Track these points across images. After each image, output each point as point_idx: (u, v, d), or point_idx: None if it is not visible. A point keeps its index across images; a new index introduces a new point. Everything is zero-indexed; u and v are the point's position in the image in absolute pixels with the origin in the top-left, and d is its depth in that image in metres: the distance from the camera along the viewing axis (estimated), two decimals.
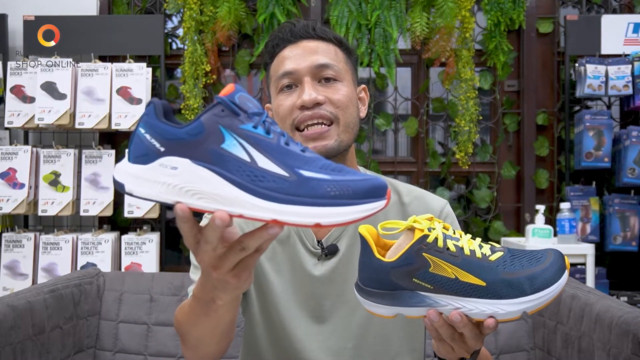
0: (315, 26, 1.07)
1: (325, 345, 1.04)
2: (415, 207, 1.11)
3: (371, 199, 0.58)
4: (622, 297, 2.51)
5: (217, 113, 0.60)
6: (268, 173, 0.58)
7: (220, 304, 0.73)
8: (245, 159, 0.59)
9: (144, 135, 0.61)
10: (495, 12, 2.73)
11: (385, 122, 2.85)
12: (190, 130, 0.60)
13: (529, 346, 1.70)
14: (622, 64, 2.58)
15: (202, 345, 0.87)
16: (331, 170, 0.59)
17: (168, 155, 0.60)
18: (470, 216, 2.85)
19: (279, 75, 1.05)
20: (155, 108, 0.61)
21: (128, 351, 1.78)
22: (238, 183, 0.58)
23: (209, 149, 0.59)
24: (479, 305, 0.73)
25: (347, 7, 2.70)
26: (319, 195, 0.57)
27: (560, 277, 0.73)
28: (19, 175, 2.51)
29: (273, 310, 1.06)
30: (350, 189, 0.57)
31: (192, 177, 0.59)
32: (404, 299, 0.75)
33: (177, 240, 2.90)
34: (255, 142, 0.60)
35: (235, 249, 0.63)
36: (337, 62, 1.06)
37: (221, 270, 0.65)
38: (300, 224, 0.57)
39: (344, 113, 1.04)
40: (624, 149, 2.57)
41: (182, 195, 0.59)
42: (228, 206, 0.59)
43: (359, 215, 0.57)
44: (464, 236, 0.76)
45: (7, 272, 2.52)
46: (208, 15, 2.71)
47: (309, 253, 1.06)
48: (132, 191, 0.61)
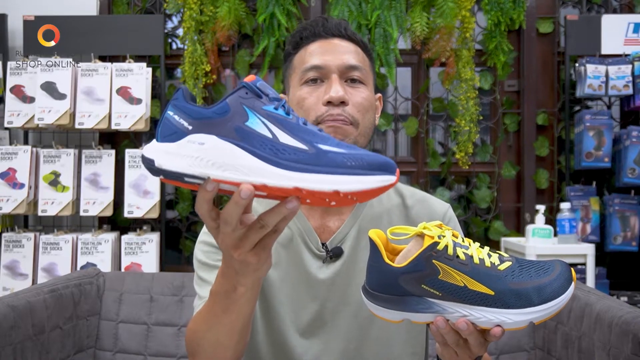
0: (347, 27, 1.08)
1: (327, 347, 1.04)
2: (418, 210, 1.11)
3: (384, 172, 0.62)
4: (622, 297, 2.51)
5: (241, 95, 0.65)
6: (289, 147, 0.63)
7: (242, 290, 0.75)
8: (268, 135, 0.63)
9: (172, 116, 0.65)
10: (495, 12, 2.73)
11: (385, 122, 2.85)
12: (217, 110, 0.64)
13: (529, 346, 1.70)
14: (622, 64, 2.58)
15: (220, 350, 0.85)
16: (346, 146, 0.64)
17: (196, 132, 0.64)
18: (470, 216, 2.85)
19: (307, 68, 1.04)
20: (183, 92, 0.66)
21: (128, 351, 1.78)
22: (261, 156, 0.63)
23: (234, 127, 0.64)
24: (487, 314, 0.73)
25: (347, 7, 2.70)
26: (337, 165, 0.62)
27: (567, 288, 0.74)
28: (18, 175, 2.51)
29: (275, 315, 1.05)
30: (365, 161, 0.62)
31: (219, 151, 0.63)
32: (411, 305, 0.76)
33: (177, 240, 2.90)
34: (277, 121, 0.64)
35: (255, 227, 0.66)
36: (364, 65, 1.06)
37: (242, 250, 0.68)
38: (320, 190, 0.61)
39: (364, 117, 1.04)
40: (624, 149, 2.57)
41: (209, 168, 0.63)
42: (252, 176, 0.62)
43: (373, 184, 0.62)
44: (473, 244, 0.76)
45: (7, 272, 2.52)
46: (208, 15, 2.71)
47: (313, 256, 1.06)
48: (162, 165, 0.64)
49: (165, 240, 2.73)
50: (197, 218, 2.88)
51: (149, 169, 0.65)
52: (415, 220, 1.09)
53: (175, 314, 1.79)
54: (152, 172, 0.65)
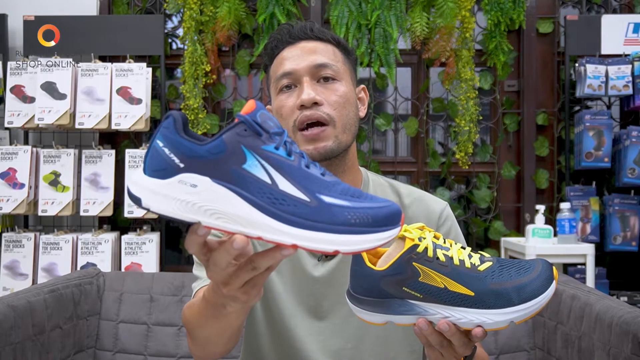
0: (313, 27, 1.08)
1: (324, 345, 1.05)
2: (415, 208, 1.11)
3: (388, 226, 0.59)
4: (622, 297, 2.51)
5: (239, 132, 0.59)
6: (289, 196, 0.59)
7: (231, 310, 0.74)
8: (267, 181, 0.59)
9: (162, 149, 0.60)
10: (495, 12, 2.73)
11: (385, 122, 2.85)
12: (212, 149, 0.59)
13: (529, 346, 1.70)
14: (622, 64, 2.58)
15: (210, 344, 0.88)
16: (350, 196, 0.60)
17: (188, 172, 0.59)
18: (470, 216, 2.85)
19: (279, 76, 1.06)
20: (175, 122, 0.60)
21: (128, 351, 1.78)
22: (258, 205, 0.58)
23: (230, 169, 0.59)
24: (467, 315, 0.74)
25: (347, 7, 2.70)
26: (339, 222, 0.58)
27: (548, 287, 0.74)
28: (19, 175, 2.51)
29: (274, 310, 1.06)
30: (369, 217, 0.59)
31: (212, 196, 0.58)
32: (394, 307, 0.76)
33: (177, 240, 2.90)
34: (277, 165, 0.59)
35: (247, 267, 0.63)
36: (336, 61, 1.07)
37: (231, 287, 0.65)
38: (320, 250, 0.58)
39: (341, 114, 1.04)
40: (624, 149, 2.57)
41: (201, 214, 0.58)
42: (248, 228, 0.58)
43: (376, 243, 0.59)
44: (454, 245, 0.77)
45: (7, 272, 2.52)
46: (208, 15, 2.71)
47: (309, 254, 1.07)
48: (150, 206, 0.60)
49: (165, 240, 2.73)
50: None
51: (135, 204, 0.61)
52: (412, 219, 1.09)
53: (175, 314, 1.79)
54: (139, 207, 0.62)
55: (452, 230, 1.12)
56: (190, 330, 0.91)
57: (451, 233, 1.11)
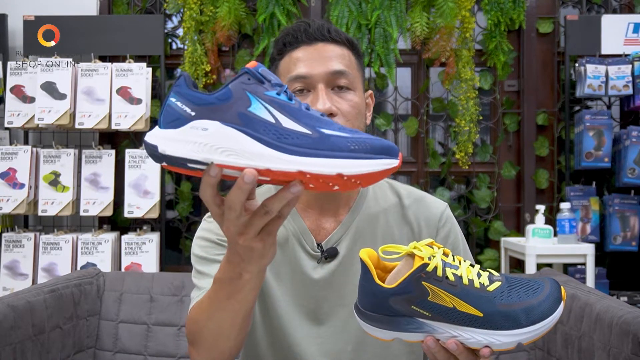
0: (330, 27, 1.06)
1: (324, 348, 1.04)
2: (415, 209, 1.10)
3: (387, 155, 0.63)
4: (622, 297, 2.51)
5: (244, 81, 0.65)
6: (292, 132, 0.64)
7: (247, 277, 0.75)
8: (271, 120, 0.64)
9: (175, 103, 0.65)
10: (495, 12, 2.73)
11: (385, 122, 2.85)
12: (220, 96, 0.65)
13: (529, 346, 1.70)
14: (622, 64, 2.58)
15: (220, 340, 0.86)
16: (349, 131, 0.65)
17: (199, 118, 0.64)
18: (470, 216, 2.85)
19: (292, 77, 1.03)
20: (186, 79, 0.66)
21: (128, 351, 1.78)
22: (265, 141, 0.63)
23: (237, 112, 0.64)
24: (476, 335, 0.74)
25: (347, 7, 2.70)
26: (340, 148, 0.62)
27: (556, 309, 0.75)
28: (19, 175, 2.51)
29: (273, 313, 1.06)
30: (368, 144, 0.63)
31: (222, 136, 0.63)
32: (402, 325, 0.77)
33: (177, 240, 2.90)
34: (279, 106, 0.65)
35: (259, 213, 0.67)
36: (351, 68, 1.05)
37: (247, 236, 0.68)
38: (323, 173, 0.62)
39: (353, 125, 1.03)
40: (624, 149, 2.57)
41: (213, 153, 0.63)
42: (256, 161, 0.63)
43: (376, 167, 0.63)
44: (463, 263, 0.77)
45: (7, 272, 2.52)
46: (208, 15, 2.71)
47: (308, 256, 1.06)
48: (165, 151, 0.64)
49: (165, 240, 2.73)
50: (197, 218, 2.88)
51: (151, 155, 0.65)
52: (412, 220, 1.09)
53: (175, 314, 1.79)
54: (155, 158, 0.65)
55: (452, 232, 1.11)
56: (197, 332, 0.88)
57: (451, 235, 1.11)
